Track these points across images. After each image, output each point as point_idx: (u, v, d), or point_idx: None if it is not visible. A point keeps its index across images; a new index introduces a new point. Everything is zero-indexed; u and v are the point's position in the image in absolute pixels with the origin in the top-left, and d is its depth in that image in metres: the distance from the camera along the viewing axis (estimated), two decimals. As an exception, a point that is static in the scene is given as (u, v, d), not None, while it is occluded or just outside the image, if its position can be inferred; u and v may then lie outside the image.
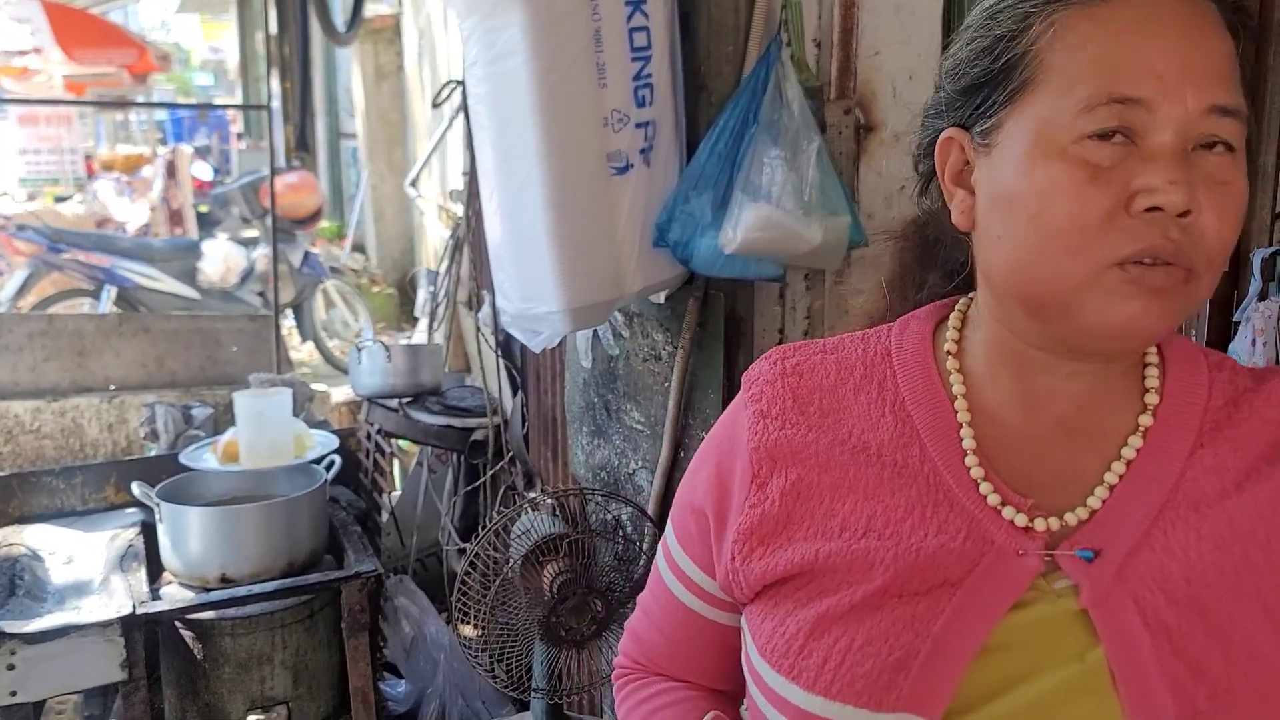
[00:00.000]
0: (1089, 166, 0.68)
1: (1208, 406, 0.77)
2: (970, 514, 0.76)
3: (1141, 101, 0.67)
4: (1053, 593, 0.73)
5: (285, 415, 2.60)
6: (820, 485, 0.80)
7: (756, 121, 1.80)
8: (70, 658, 2.15)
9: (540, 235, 1.81)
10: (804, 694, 0.74)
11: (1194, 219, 0.67)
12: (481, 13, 1.77)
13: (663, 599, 0.95)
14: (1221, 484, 0.74)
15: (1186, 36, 0.68)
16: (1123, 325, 0.69)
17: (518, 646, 2.17)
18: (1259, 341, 1.56)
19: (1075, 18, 0.70)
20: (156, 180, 7.98)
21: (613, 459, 2.36)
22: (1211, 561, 0.71)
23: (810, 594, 0.77)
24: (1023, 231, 0.71)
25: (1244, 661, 0.69)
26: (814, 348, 0.87)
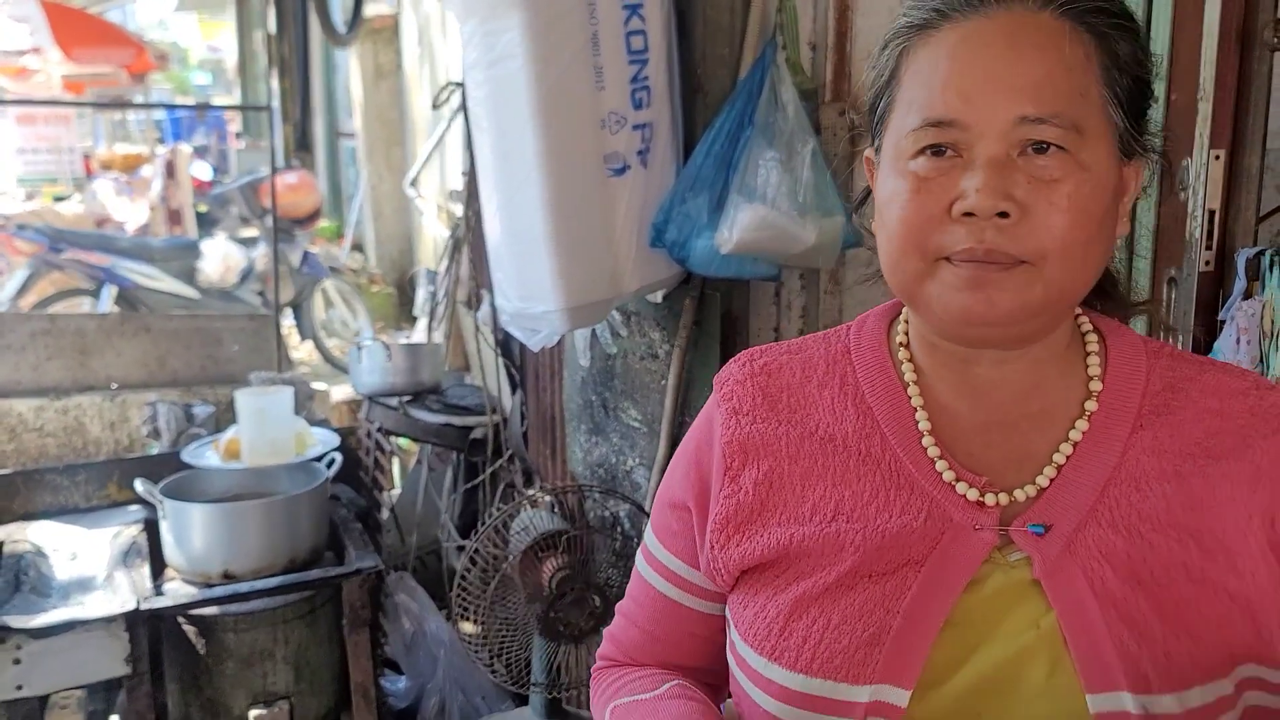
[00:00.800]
0: (916, 179, 0.77)
1: (1146, 391, 0.83)
2: (930, 494, 0.82)
3: (954, 122, 0.75)
4: (1007, 565, 0.79)
5: (286, 413, 2.63)
6: (791, 475, 0.86)
7: (752, 124, 1.84)
8: (75, 652, 2.18)
9: (538, 235, 1.85)
10: (786, 673, 0.80)
11: (1020, 217, 0.74)
12: (481, 16, 1.81)
13: (643, 596, 0.98)
14: (1160, 466, 0.80)
15: (1001, 55, 0.75)
16: (961, 312, 0.77)
17: (517, 641, 2.20)
18: (1243, 339, 1.59)
19: (918, 46, 0.79)
20: (156, 180, 7.98)
21: (610, 456, 2.39)
22: (1150, 539, 0.78)
23: (787, 579, 0.83)
24: (882, 235, 0.82)
25: (1179, 629, 0.75)
26: (780, 349, 0.93)
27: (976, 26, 0.76)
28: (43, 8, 9.97)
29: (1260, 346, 1.59)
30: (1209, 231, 1.64)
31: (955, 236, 0.75)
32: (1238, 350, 1.60)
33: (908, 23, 0.80)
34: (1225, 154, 1.62)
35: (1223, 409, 0.82)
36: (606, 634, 1.04)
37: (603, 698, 0.98)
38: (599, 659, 1.05)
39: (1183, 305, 1.67)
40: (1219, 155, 1.62)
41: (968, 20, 0.77)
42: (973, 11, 0.77)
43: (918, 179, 0.77)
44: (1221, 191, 1.63)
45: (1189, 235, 1.65)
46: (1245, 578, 0.77)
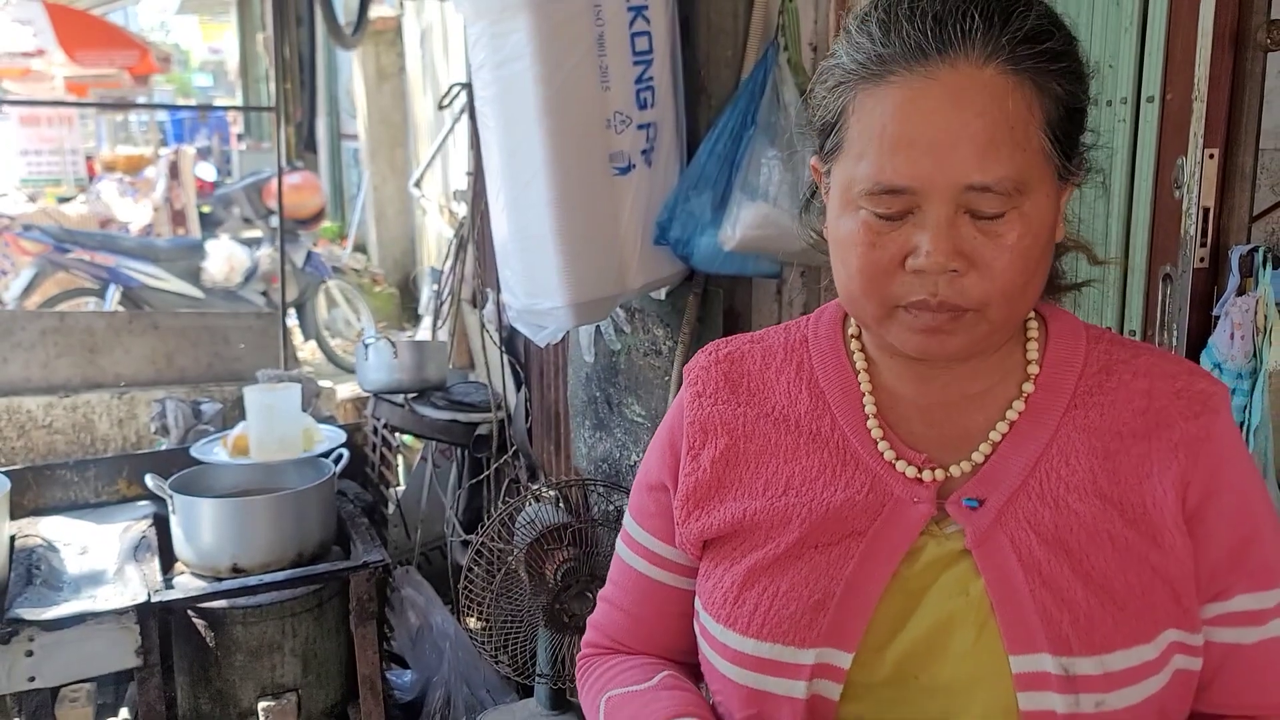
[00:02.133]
0: (871, 232, 0.80)
1: (1083, 373, 0.88)
2: (873, 470, 0.87)
3: (906, 189, 0.77)
4: (943, 536, 0.85)
5: (294, 410, 2.66)
6: (747, 452, 0.92)
7: (754, 123, 1.87)
8: (86, 644, 2.20)
9: (545, 233, 1.88)
10: (739, 638, 0.86)
11: (968, 269, 0.78)
12: (489, 17, 1.84)
13: (625, 580, 1.02)
14: (1090, 442, 0.85)
15: (945, 121, 0.75)
16: (919, 349, 0.83)
17: (522, 633, 2.23)
18: (1236, 335, 1.62)
19: (864, 95, 0.79)
20: (159, 181, 8.04)
21: (614, 451, 2.42)
22: (1076, 510, 0.83)
23: (741, 550, 0.89)
24: (840, 269, 0.84)
25: (1101, 594, 0.81)
26: (744, 339, 0.99)
27: (921, 87, 0.76)
28: (47, 10, 10.02)
29: (1253, 342, 1.62)
30: (1203, 229, 1.67)
31: (909, 287, 0.79)
32: (1231, 346, 1.64)
33: (853, 67, 0.80)
34: (1219, 153, 1.65)
35: (1151, 389, 0.86)
36: (590, 622, 1.07)
37: (594, 687, 1.01)
38: (584, 647, 1.07)
39: (1178, 301, 1.70)
40: (1213, 154, 1.65)
41: (912, 74, 0.76)
42: (918, 65, 0.76)
43: (871, 231, 0.79)
44: (1215, 190, 1.66)
45: (1184, 233, 1.68)
46: (1166, 549, 0.82)
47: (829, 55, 0.85)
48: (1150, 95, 1.70)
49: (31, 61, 10.29)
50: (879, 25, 0.79)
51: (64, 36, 10.05)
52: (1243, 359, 1.63)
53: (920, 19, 0.77)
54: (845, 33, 0.84)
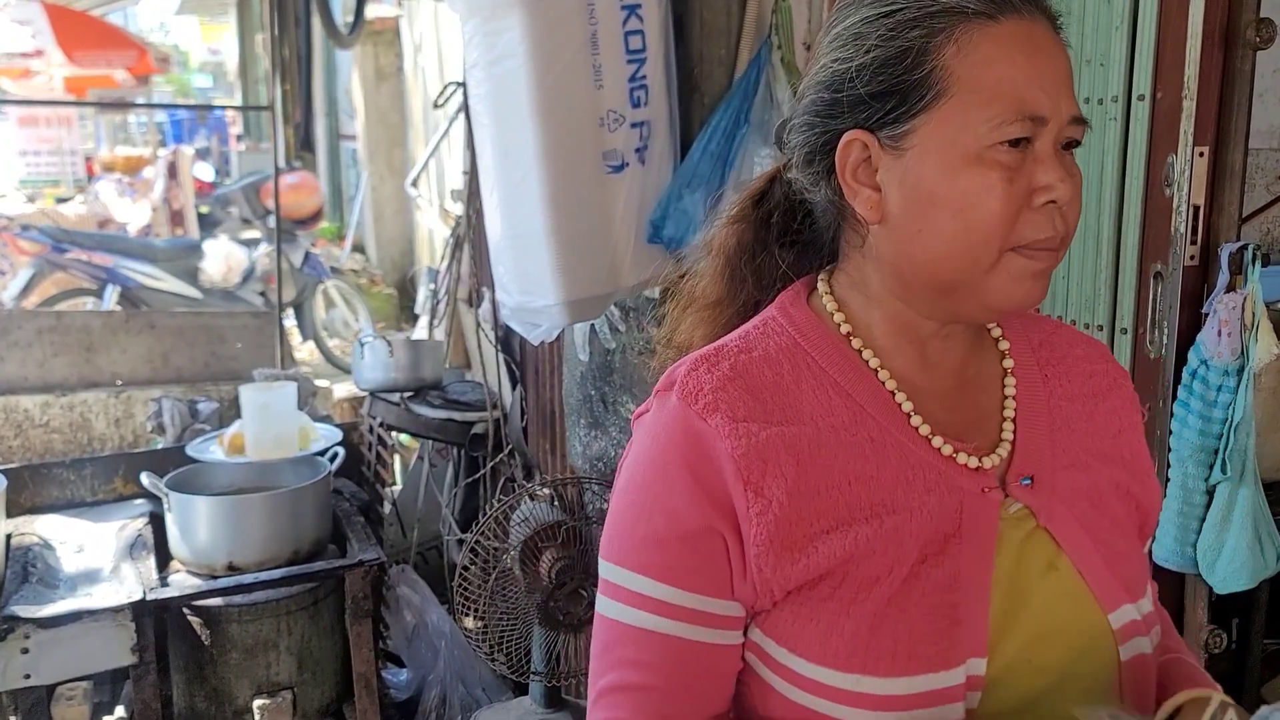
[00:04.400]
0: (1005, 169, 0.79)
1: (1030, 346, 0.95)
2: (936, 468, 0.85)
3: (1042, 117, 0.79)
4: (1010, 518, 0.86)
5: (290, 409, 2.67)
6: (817, 478, 0.81)
7: (748, 122, 1.89)
8: (82, 642, 2.21)
9: (539, 231, 1.89)
10: (884, 681, 0.78)
11: (1067, 208, 0.81)
12: (482, 16, 1.85)
13: (658, 654, 0.84)
14: (1075, 408, 0.93)
15: (1055, 57, 0.81)
16: (1022, 299, 0.83)
17: (517, 631, 2.24)
18: (1224, 331, 1.63)
19: (979, 35, 0.79)
20: (158, 181, 8.05)
21: (609, 450, 2.43)
22: (1094, 469, 0.91)
23: (853, 589, 0.80)
24: (945, 227, 0.80)
25: (1129, 541, 0.91)
26: (731, 349, 0.87)
27: (1030, 26, 0.79)
28: (46, 10, 10.04)
29: (1241, 338, 1.63)
30: (1193, 227, 1.68)
31: (1036, 225, 0.79)
32: (1219, 343, 1.64)
33: (958, 6, 0.79)
34: (1209, 151, 1.66)
35: (1088, 355, 0.97)
36: (602, 711, 0.86)
37: None
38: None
39: (1168, 299, 1.71)
40: (1203, 152, 1.66)
41: (1022, 18, 0.79)
42: (1024, 8, 0.80)
43: (1007, 169, 0.78)
44: (1205, 187, 1.67)
45: (1174, 230, 1.68)
46: (1146, 488, 0.94)
47: (893, 9, 0.81)
48: (1141, 94, 1.71)
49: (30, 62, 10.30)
50: None
51: (63, 37, 10.07)
52: (1230, 356, 1.64)
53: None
54: None
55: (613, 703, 0.85)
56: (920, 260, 0.83)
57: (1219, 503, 1.72)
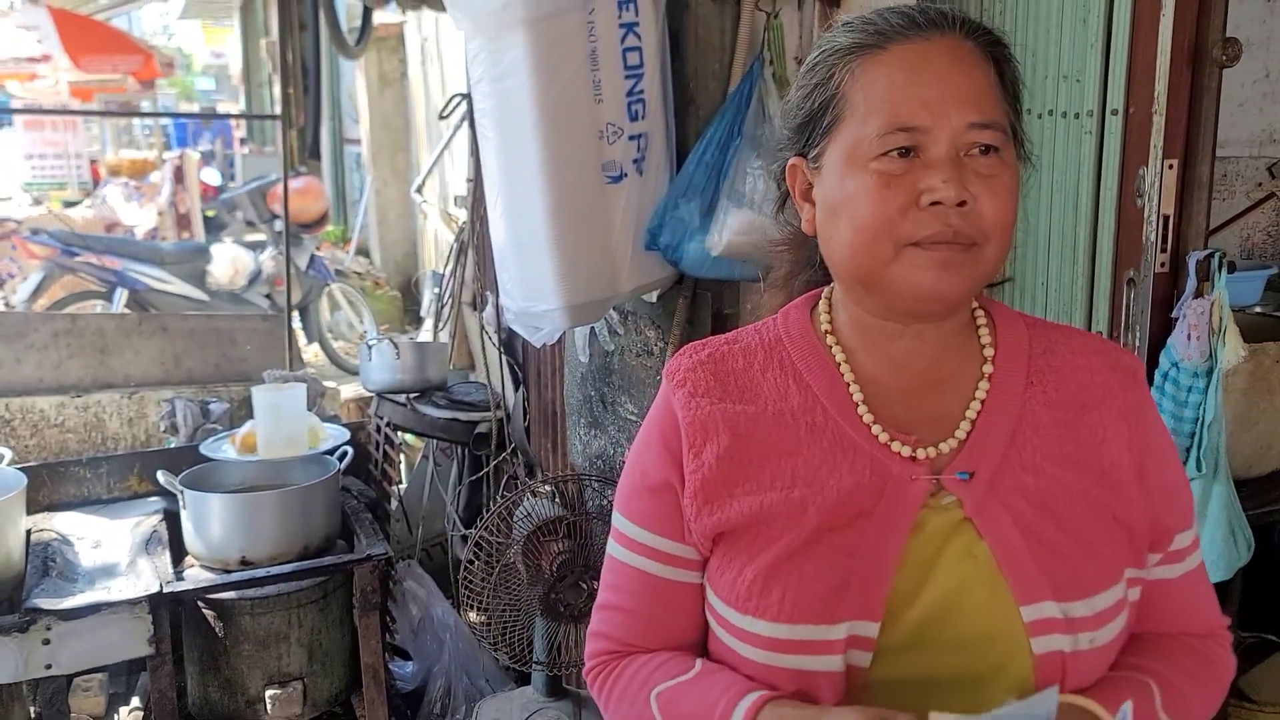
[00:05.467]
0: (884, 175, 0.89)
1: (1030, 354, 0.99)
2: (870, 454, 0.95)
3: (918, 127, 0.88)
4: (940, 508, 0.93)
5: (300, 408, 2.75)
6: (750, 448, 0.96)
7: (741, 134, 1.96)
8: (101, 633, 2.28)
9: (541, 238, 1.97)
10: (769, 624, 0.92)
11: (971, 206, 0.88)
12: (488, 34, 1.93)
13: (630, 584, 1.02)
14: (1053, 415, 0.97)
15: (948, 72, 0.89)
16: (930, 289, 0.90)
17: (519, 622, 2.32)
18: (1193, 335, 1.71)
19: (867, 64, 0.91)
20: (164, 185, 8.14)
21: (608, 448, 2.51)
22: (1052, 475, 0.94)
23: (760, 543, 0.94)
24: (843, 229, 0.92)
25: (1082, 546, 0.92)
26: (718, 341, 1.04)
27: (922, 47, 0.90)
28: (52, 16, 10.11)
29: (1209, 341, 1.71)
30: (1164, 235, 1.76)
31: (923, 224, 0.88)
32: (1188, 345, 1.72)
33: (853, 44, 0.92)
34: (1178, 163, 1.74)
35: (1090, 366, 0.99)
36: (594, 633, 1.07)
37: (630, 686, 1.01)
38: (593, 657, 1.07)
39: (1140, 304, 1.79)
40: (1172, 164, 1.74)
41: (912, 42, 0.90)
42: (916, 34, 0.90)
43: (884, 176, 0.88)
44: (1175, 198, 1.75)
45: (1145, 239, 1.76)
46: (1125, 501, 0.95)
47: (813, 55, 0.96)
48: (1114, 108, 1.79)
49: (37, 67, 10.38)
50: (870, 15, 0.93)
51: (69, 42, 10.14)
52: (1199, 358, 1.72)
53: (907, 9, 0.93)
54: (826, 35, 0.96)
55: (599, 617, 1.06)
56: (837, 261, 0.95)
57: (1194, 499, 1.80)
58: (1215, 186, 3.05)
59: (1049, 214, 1.93)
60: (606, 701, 1.04)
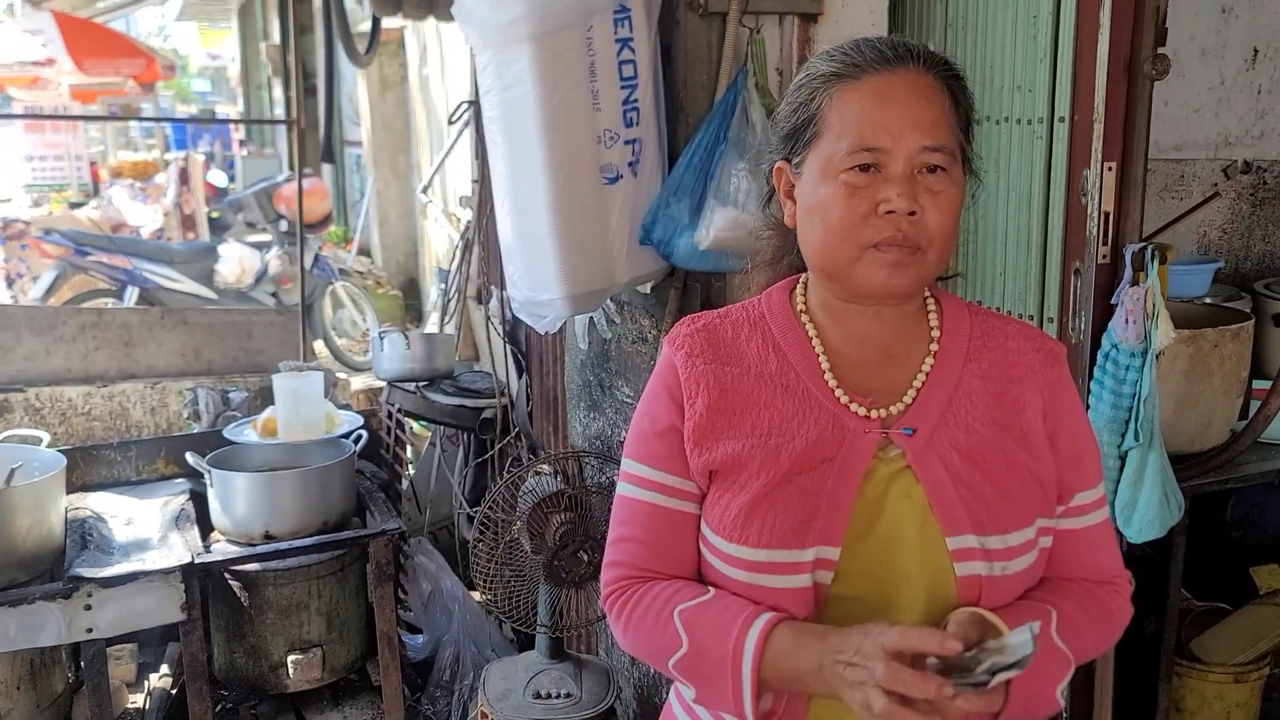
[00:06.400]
0: (850, 187, 1.08)
1: (970, 336, 1.20)
2: (832, 412, 1.15)
3: (880, 148, 1.07)
4: (887, 458, 1.14)
5: (318, 395, 2.93)
6: (733, 402, 1.16)
7: (726, 139, 2.14)
8: (138, 600, 2.44)
9: (545, 234, 2.15)
10: (751, 550, 1.11)
11: (920, 216, 1.08)
12: (495, 48, 2.12)
13: (641, 517, 1.19)
14: (985, 386, 1.17)
15: (908, 102, 1.08)
16: (881, 285, 1.10)
17: (524, 590, 2.51)
18: (1130, 319, 1.91)
19: (842, 90, 1.10)
20: (170, 186, 8.31)
21: (606, 429, 2.70)
22: (981, 434, 1.15)
23: (741, 483, 1.13)
24: (816, 227, 1.12)
25: (1000, 492, 1.13)
26: (711, 314, 1.24)
27: (888, 79, 1.09)
28: (56, 20, 10.27)
29: (1144, 325, 1.91)
30: (1104, 230, 1.97)
31: (879, 228, 1.07)
32: (1126, 329, 1.92)
33: (832, 72, 1.11)
34: (1116, 166, 1.94)
35: (1019, 348, 1.20)
36: (610, 563, 1.22)
37: (652, 607, 1.15)
38: (610, 584, 1.21)
39: (1085, 292, 1.99)
40: (1111, 167, 1.94)
41: (880, 75, 1.09)
42: (885, 67, 1.09)
43: (850, 187, 1.08)
44: (1114, 197, 1.95)
45: (1089, 234, 1.97)
46: (1039, 459, 1.16)
47: (800, 77, 1.16)
48: (1061, 116, 1.98)
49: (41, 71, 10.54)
50: (849, 47, 1.13)
51: (73, 46, 10.30)
52: (1135, 340, 1.92)
53: (880, 44, 1.12)
54: (812, 59, 1.16)
55: (614, 549, 1.22)
56: (810, 252, 1.15)
57: (1131, 466, 2.00)
58: (1173, 186, 3.28)
59: (1006, 211, 2.13)
60: (627, 621, 1.18)
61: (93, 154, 12.89)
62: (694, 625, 1.12)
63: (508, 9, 2.00)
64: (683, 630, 1.12)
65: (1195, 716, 2.65)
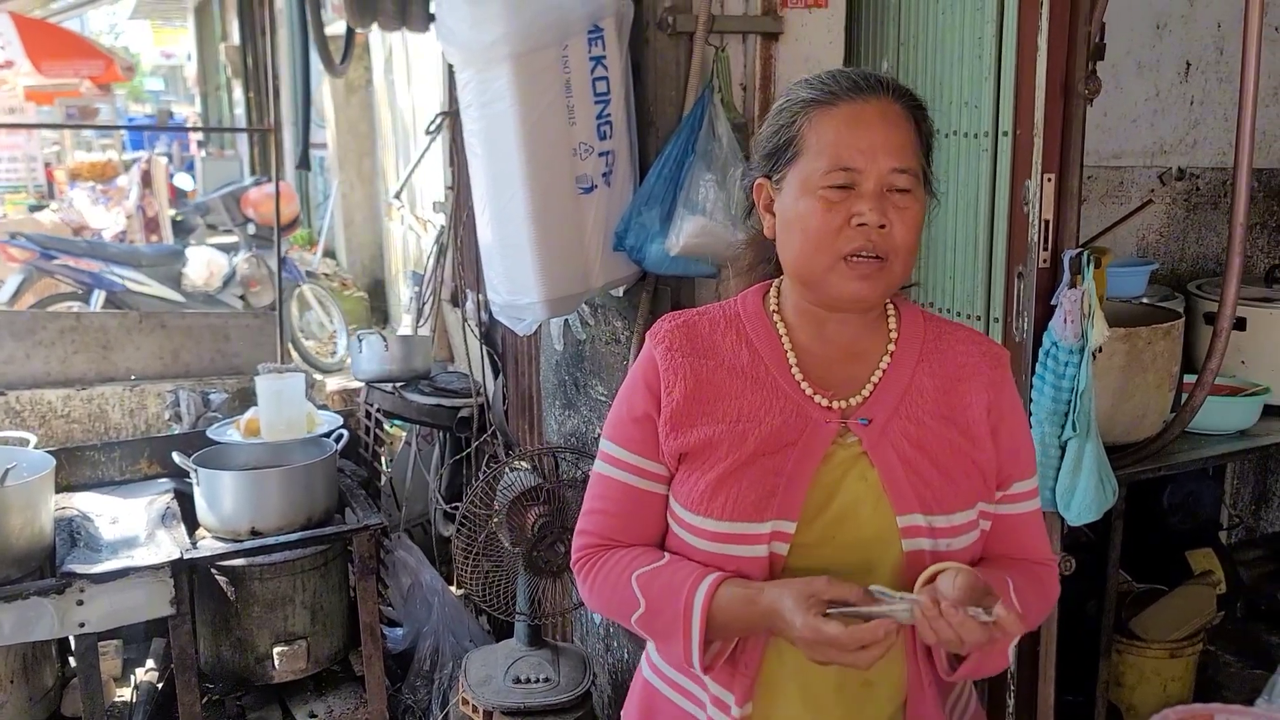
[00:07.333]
0: (827, 202, 1.21)
1: (924, 339, 1.34)
2: (797, 402, 1.28)
3: (855, 168, 1.21)
4: (845, 445, 1.28)
5: (300, 396, 3.03)
6: (707, 393, 1.28)
7: (694, 151, 2.26)
8: (128, 594, 2.52)
9: (524, 241, 2.27)
10: (716, 522, 1.24)
11: (888, 229, 1.21)
12: (476, 67, 2.23)
13: (613, 493, 1.32)
14: (935, 383, 1.31)
15: (879, 127, 1.22)
16: (853, 295, 1.24)
17: (503, 581, 2.62)
18: (1068, 320, 2.06)
19: (819, 115, 1.23)
20: (132, 189, 8.29)
21: (581, 427, 2.82)
22: (930, 426, 1.29)
23: (711, 463, 1.26)
24: (795, 238, 1.25)
25: (945, 477, 1.27)
26: (691, 313, 1.36)
27: (861, 107, 1.22)
28: (14, 22, 10.18)
29: (1081, 324, 2.07)
30: (1045, 237, 2.11)
31: (852, 240, 1.20)
32: (1065, 328, 2.08)
33: (810, 98, 1.24)
34: (1055, 177, 2.09)
35: (966, 351, 1.34)
36: (581, 530, 1.36)
37: (613, 571, 1.29)
38: (580, 550, 1.35)
39: (1027, 293, 2.14)
40: (1050, 178, 2.09)
41: (854, 102, 1.22)
42: (858, 95, 1.22)
43: (828, 202, 1.20)
44: (1053, 206, 2.10)
45: (1030, 240, 2.11)
46: (981, 449, 1.30)
47: (780, 102, 1.29)
48: (1005, 130, 2.13)
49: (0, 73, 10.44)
50: (826, 77, 1.26)
51: (31, 48, 10.21)
52: (1073, 338, 2.07)
53: (854, 74, 1.25)
54: (792, 86, 1.30)
55: (586, 520, 1.36)
56: (788, 261, 1.28)
57: (1070, 454, 2.15)
58: (1114, 192, 3.47)
59: (955, 219, 2.28)
60: (592, 584, 1.33)
61: (48, 155, 12.74)
62: (650, 587, 1.26)
63: (489, 30, 2.12)
64: (640, 592, 1.26)
65: (1134, 690, 2.83)
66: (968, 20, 2.16)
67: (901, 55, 2.35)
